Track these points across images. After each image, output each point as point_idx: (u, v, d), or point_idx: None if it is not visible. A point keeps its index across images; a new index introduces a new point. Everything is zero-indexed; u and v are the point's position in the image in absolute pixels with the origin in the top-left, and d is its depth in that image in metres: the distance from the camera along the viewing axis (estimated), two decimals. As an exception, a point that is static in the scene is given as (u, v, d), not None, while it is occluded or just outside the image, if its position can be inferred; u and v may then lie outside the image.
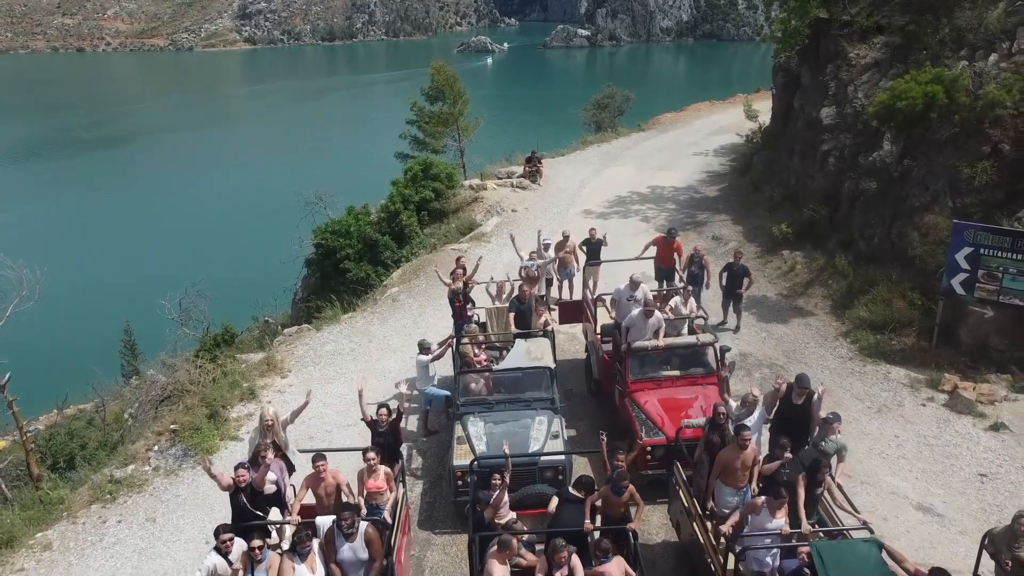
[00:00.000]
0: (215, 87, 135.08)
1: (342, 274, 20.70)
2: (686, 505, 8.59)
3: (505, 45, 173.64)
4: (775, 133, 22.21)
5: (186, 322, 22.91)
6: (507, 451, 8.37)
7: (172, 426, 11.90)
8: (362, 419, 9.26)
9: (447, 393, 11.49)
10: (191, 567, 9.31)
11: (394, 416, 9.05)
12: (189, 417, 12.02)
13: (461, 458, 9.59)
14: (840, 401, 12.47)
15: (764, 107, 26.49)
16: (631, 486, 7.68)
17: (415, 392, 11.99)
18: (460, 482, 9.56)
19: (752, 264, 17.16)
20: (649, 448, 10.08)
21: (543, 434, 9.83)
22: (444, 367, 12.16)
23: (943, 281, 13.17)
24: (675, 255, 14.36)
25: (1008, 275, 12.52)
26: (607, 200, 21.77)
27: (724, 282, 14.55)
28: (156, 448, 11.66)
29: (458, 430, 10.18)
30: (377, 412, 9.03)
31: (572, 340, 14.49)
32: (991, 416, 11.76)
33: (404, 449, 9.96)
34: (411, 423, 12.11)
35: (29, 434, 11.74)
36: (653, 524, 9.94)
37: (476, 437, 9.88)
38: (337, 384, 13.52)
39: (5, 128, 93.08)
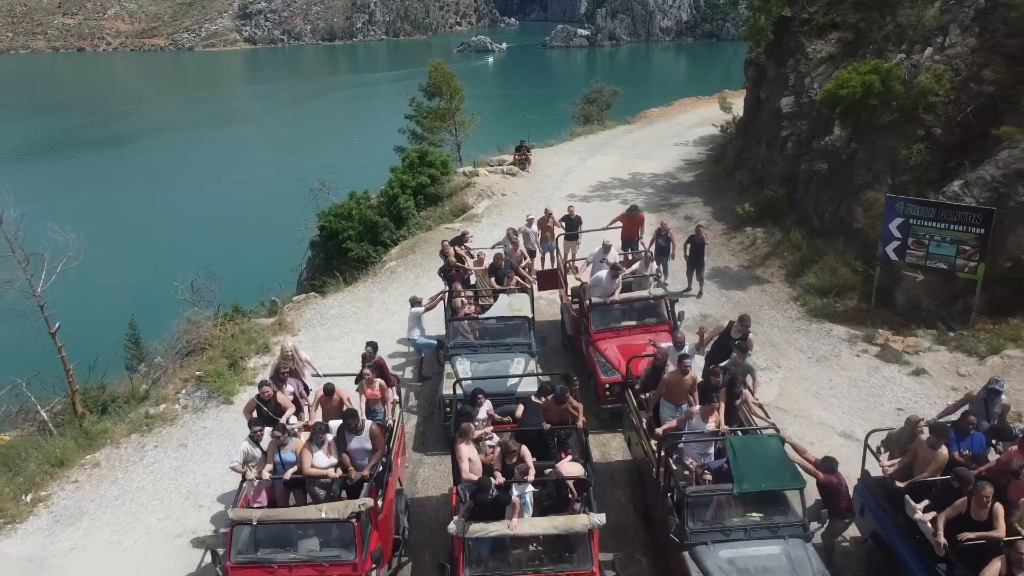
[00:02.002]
0: (217, 87, 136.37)
1: (344, 254, 22.34)
2: (635, 422, 10.27)
3: (504, 45, 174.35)
4: (747, 123, 23.90)
5: (197, 302, 24.56)
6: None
7: (197, 373, 13.60)
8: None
9: (435, 342, 13.21)
10: (219, 481, 11.06)
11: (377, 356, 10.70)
12: (212, 366, 13.72)
13: (449, 390, 11.30)
14: (784, 352, 14.21)
15: (742, 101, 28.11)
16: (570, 397, 9.33)
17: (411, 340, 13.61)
18: (448, 409, 11.24)
19: (718, 240, 18.94)
20: (607, 385, 11.79)
21: (521, 370, 11.53)
22: (436, 324, 13.77)
23: (879, 249, 14.86)
24: (639, 229, 16.03)
25: (934, 242, 14.17)
26: (590, 185, 23.45)
27: (688, 253, 16.22)
28: (184, 392, 13.36)
29: (448, 368, 11.90)
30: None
31: (551, 304, 16.16)
32: (914, 364, 13.43)
33: (401, 391, 11.63)
34: (407, 373, 13.83)
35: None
36: (612, 448, 11.65)
37: (463, 373, 11.56)
38: (341, 342, 15.19)
39: (8, 127, 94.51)
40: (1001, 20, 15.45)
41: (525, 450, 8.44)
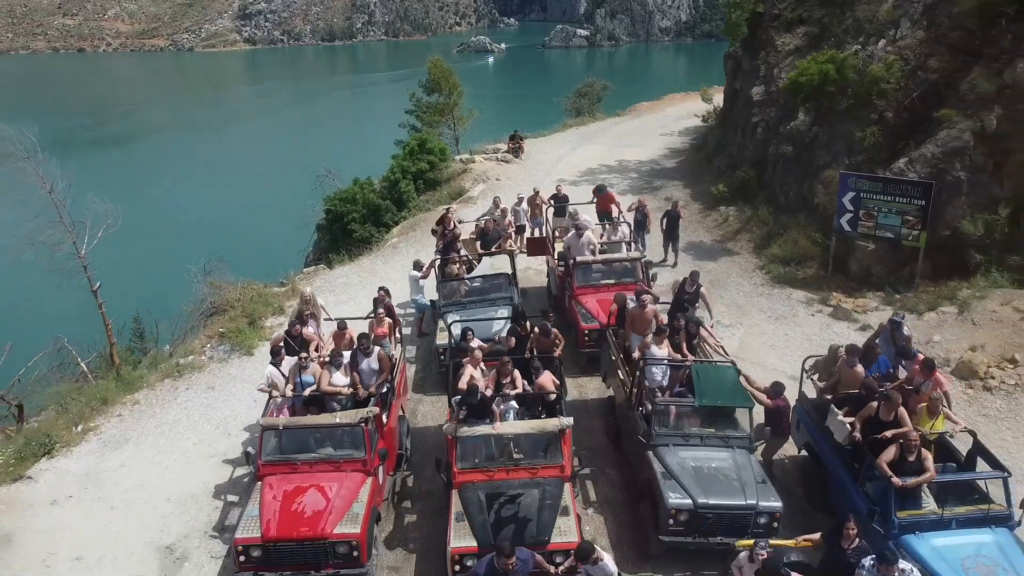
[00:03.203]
0: (217, 87, 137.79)
1: (349, 235, 23.98)
2: (612, 356, 11.84)
3: (503, 45, 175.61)
4: (725, 113, 25.50)
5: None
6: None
7: (220, 330, 15.19)
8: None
9: (430, 305, 14.83)
10: (244, 415, 12.65)
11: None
12: (233, 324, 15.32)
13: (442, 340, 12.92)
14: (747, 312, 15.82)
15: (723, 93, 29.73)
16: (555, 331, 10.96)
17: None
18: (443, 356, 12.86)
19: (694, 218, 20.56)
20: (587, 332, 13.40)
21: (503, 321, 13.12)
22: (433, 289, 15.33)
23: (835, 221, 16.46)
24: (611, 204, 17.58)
25: (882, 213, 15.75)
26: (579, 171, 25.05)
27: (664, 226, 17.81)
28: (209, 346, 14.95)
29: (441, 323, 13.52)
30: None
31: (539, 274, 17.75)
32: (862, 320, 15.00)
33: (404, 337, 13.23)
34: (408, 330, 15.40)
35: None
36: (589, 388, 13.24)
37: (454, 324, 13.16)
38: (348, 306, 16.68)
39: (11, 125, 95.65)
40: (946, 14, 17.04)
41: (516, 373, 10.06)
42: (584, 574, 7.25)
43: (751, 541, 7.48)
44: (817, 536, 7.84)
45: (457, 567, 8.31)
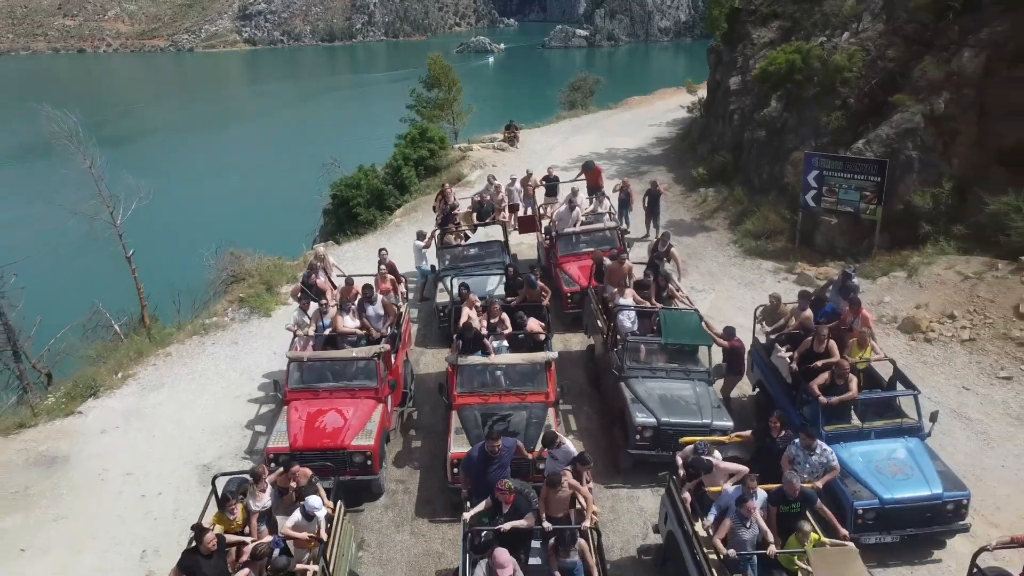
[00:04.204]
0: (219, 87, 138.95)
1: (354, 218, 25.50)
2: (592, 307, 13.38)
3: (503, 45, 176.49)
4: (708, 103, 27.05)
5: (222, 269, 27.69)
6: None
7: (240, 295, 16.75)
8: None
9: (431, 271, 16.36)
10: (265, 364, 14.19)
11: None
12: (252, 290, 16.88)
13: (442, 299, 14.48)
14: (720, 280, 17.38)
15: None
16: (541, 283, 12.54)
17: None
18: (442, 314, 14.43)
19: (676, 199, 22.13)
20: (569, 294, 14.97)
21: (496, 281, 14.67)
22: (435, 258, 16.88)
23: (801, 198, 18.00)
24: (598, 179, 19.08)
25: (842, 190, 17.31)
26: (571, 159, 26.54)
27: (646, 204, 19.36)
28: (230, 309, 16.51)
29: (441, 285, 15.06)
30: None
31: (531, 248, 19.27)
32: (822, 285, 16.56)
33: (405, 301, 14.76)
34: (411, 296, 16.94)
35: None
36: (573, 343, 14.77)
37: (452, 286, 14.72)
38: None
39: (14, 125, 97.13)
40: (903, 9, 18.58)
41: (505, 315, 11.64)
42: (551, 456, 8.79)
43: (695, 439, 9.01)
44: (748, 432, 9.41)
45: (455, 469, 9.85)
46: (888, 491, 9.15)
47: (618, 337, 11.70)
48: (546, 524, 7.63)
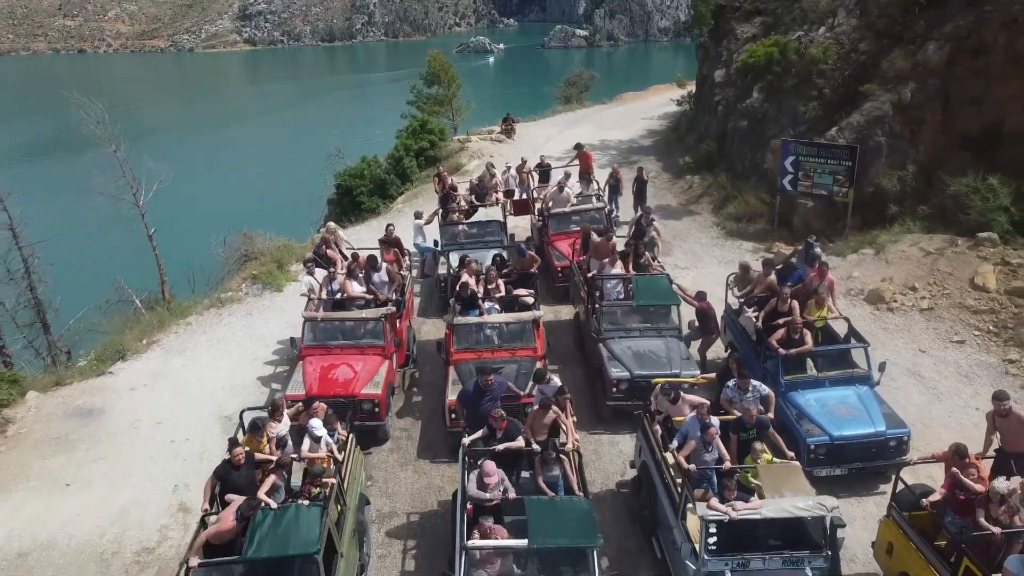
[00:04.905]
0: (219, 87, 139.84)
1: (357, 207, 26.67)
2: (578, 279, 14.54)
3: (502, 45, 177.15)
4: (697, 96, 28.24)
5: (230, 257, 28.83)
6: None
7: (253, 273, 17.93)
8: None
9: (432, 247, 17.52)
10: (278, 333, 15.35)
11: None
12: (264, 268, 18.06)
13: (444, 270, 15.65)
14: (701, 259, 18.55)
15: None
16: (531, 252, 13.71)
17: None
18: (443, 284, 15.59)
19: (663, 186, 23.32)
20: (560, 269, 16.15)
21: (492, 255, 15.80)
22: (433, 235, 18.04)
23: (779, 182, 19.17)
24: (588, 164, 20.24)
25: (817, 174, 18.46)
26: (565, 150, 27.62)
27: (634, 189, 20.52)
28: (244, 285, 17.69)
29: (442, 259, 16.24)
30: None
31: (525, 231, 20.44)
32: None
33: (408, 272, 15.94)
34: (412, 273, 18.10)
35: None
36: (562, 314, 15.94)
37: (453, 261, 15.88)
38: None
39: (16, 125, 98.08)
40: (875, 4, 19.74)
41: (500, 281, 12.83)
42: (539, 391, 9.96)
43: (664, 379, 10.19)
44: (712, 375, 10.58)
45: (453, 414, 11.00)
46: (837, 429, 10.33)
47: (595, 304, 12.85)
48: (535, 446, 8.81)
